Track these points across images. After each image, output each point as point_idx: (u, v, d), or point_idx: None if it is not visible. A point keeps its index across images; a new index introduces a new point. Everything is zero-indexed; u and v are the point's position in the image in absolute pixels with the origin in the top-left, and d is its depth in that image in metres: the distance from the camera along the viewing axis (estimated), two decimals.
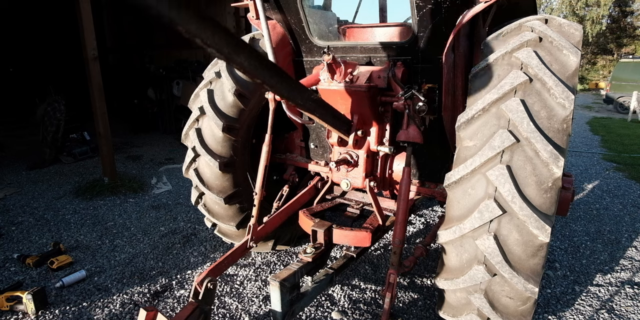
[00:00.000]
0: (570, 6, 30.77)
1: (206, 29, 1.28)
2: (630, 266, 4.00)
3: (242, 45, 1.45)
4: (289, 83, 1.87)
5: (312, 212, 3.18)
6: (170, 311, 3.26)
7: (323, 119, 2.39)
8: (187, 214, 5.21)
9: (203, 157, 3.28)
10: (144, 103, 10.40)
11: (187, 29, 1.22)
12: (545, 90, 2.09)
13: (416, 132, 2.66)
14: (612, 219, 5.14)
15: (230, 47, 1.40)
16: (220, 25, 1.34)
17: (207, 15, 1.26)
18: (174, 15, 1.15)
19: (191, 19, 1.22)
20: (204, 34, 1.28)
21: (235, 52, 1.43)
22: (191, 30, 1.24)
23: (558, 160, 1.96)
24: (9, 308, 3.19)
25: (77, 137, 8.21)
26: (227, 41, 1.39)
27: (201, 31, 1.26)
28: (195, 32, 1.26)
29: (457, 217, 2.20)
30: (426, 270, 3.86)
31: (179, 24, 1.18)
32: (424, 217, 5.15)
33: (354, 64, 2.77)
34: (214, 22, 1.30)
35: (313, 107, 2.19)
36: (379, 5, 4.69)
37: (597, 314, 3.27)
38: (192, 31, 1.24)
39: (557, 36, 2.24)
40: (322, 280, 2.78)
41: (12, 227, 4.83)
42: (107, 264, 3.97)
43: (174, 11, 1.14)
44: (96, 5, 8.11)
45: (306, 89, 2.15)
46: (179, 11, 1.16)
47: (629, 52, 29.36)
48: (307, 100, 2.08)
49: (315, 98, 2.20)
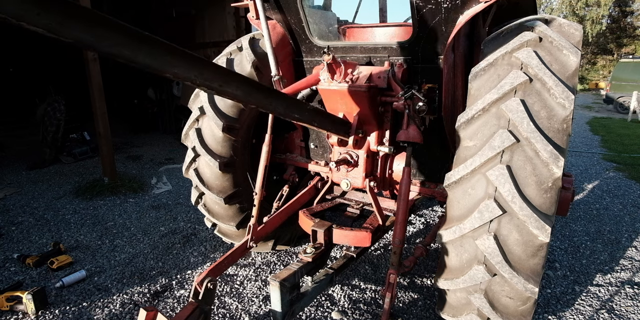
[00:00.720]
0: (570, 6, 30.79)
1: (193, 68, 1.27)
2: (630, 266, 4.00)
3: (232, 75, 1.44)
4: (284, 100, 1.86)
5: (312, 212, 3.18)
6: (170, 311, 3.26)
7: (322, 127, 2.40)
8: (187, 214, 5.21)
9: (203, 157, 3.28)
10: (144, 103, 10.41)
11: (175, 73, 1.22)
12: (545, 90, 2.09)
13: (416, 132, 2.66)
14: (612, 219, 5.14)
15: (220, 80, 1.39)
16: (205, 60, 1.33)
17: (189, 53, 1.25)
18: (152, 63, 1.16)
19: (177, 62, 1.22)
20: (192, 74, 1.28)
21: (226, 83, 1.41)
22: (179, 74, 1.24)
23: (558, 160, 1.96)
24: (9, 308, 3.19)
25: (77, 137, 8.21)
26: (217, 74, 1.38)
27: (189, 71, 1.26)
28: (184, 75, 1.25)
29: (457, 217, 2.20)
30: (426, 270, 3.86)
31: (164, 71, 1.19)
32: (424, 217, 5.15)
33: (354, 64, 2.77)
34: (197, 58, 1.28)
35: (311, 118, 2.19)
36: (379, 5, 4.70)
37: (597, 314, 3.27)
38: (181, 74, 1.24)
39: (557, 36, 2.24)
40: (322, 280, 2.78)
41: (12, 227, 4.83)
42: (107, 264, 3.97)
43: (148, 59, 1.15)
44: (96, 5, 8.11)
45: (301, 102, 2.16)
46: (157, 58, 1.16)
47: (629, 52, 29.38)
48: (304, 113, 2.08)
49: (311, 109, 2.21)
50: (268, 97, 1.71)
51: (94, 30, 1.03)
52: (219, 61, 3.44)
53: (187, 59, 1.25)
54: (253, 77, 3.30)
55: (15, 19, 0.89)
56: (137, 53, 1.13)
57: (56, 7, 0.95)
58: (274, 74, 2.99)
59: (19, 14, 0.89)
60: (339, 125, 2.66)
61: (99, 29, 1.04)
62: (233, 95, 1.47)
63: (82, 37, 1.01)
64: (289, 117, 1.96)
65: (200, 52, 10.49)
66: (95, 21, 1.03)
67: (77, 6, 0.98)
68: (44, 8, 0.93)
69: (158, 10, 11.55)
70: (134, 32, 1.10)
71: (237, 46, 3.44)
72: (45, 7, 0.93)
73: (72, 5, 0.97)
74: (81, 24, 1.01)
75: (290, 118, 1.98)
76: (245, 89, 1.51)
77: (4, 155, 8.19)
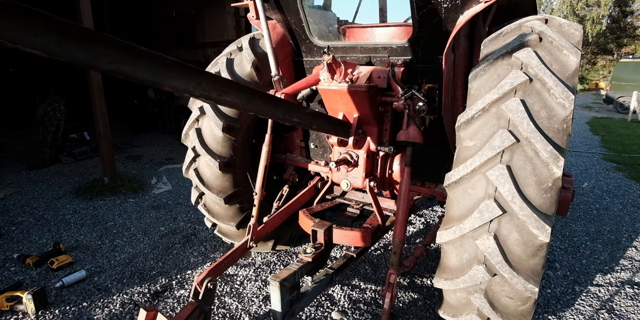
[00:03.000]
0: (571, 6, 30.78)
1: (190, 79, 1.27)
2: (630, 266, 4.00)
3: (230, 84, 1.44)
4: (282, 106, 1.87)
5: (312, 212, 3.18)
6: (170, 311, 3.26)
7: (321, 129, 2.40)
8: (187, 214, 5.21)
9: (203, 157, 3.28)
10: (144, 103, 10.41)
11: (173, 86, 1.22)
12: (545, 90, 2.09)
13: (416, 132, 2.66)
14: (612, 219, 5.14)
15: (218, 89, 1.39)
16: (202, 71, 1.33)
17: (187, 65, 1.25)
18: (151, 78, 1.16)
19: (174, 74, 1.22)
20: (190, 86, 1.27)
21: (224, 92, 1.41)
22: (178, 86, 1.24)
23: (558, 160, 1.96)
24: (9, 308, 3.19)
25: (77, 137, 8.21)
26: (215, 84, 1.37)
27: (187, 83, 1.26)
28: (182, 87, 1.25)
29: (457, 217, 2.20)
30: (426, 270, 3.86)
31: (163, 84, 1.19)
32: (424, 217, 5.15)
33: (354, 64, 2.77)
34: (194, 69, 1.28)
35: (310, 121, 2.19)
36: (379, 5, 4.70)
37: (597, 314, 3.27)
38: (179, 87, 1.24)
39: (557, 36, 2.24)
40: (322, 280, 2.78)
41: (12, 227, 4.83)
42: (107, 264, 3.97)
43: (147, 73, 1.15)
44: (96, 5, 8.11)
45: (300, 106, 2.17)
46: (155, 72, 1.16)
47: (629, 52, 29.37)
48: (303, 117, 2.08)
49: (310, 112, 2.21)
50: (267, 103, 1.72)
51: (92, 48, 1.02)
52: (219, 61, 3.45)
53: (185, 70, 1.25)
54: (253, 77, 3.30)
55: (11, 42, 0.87)
56: (135, 68, 1.12)
57: (53, 26, 0.93)
58: (274, 74, 2.99)
59: (15, 38, 0.87)
60: (338, 126, 2.66)
61: (98, 47, 1.03)
62: (232, 104, 1.47)
63: (80, 56, 1.00)
64: (288, 121, 1.97)
65: (200, 52, 10.50)
66: (93, 39, 1.01)
67: (74, 25, 0.96)
68: (41, 29, 0.90)
69: (158, 10, 11.55)
70: (131, 47, 1.09)
71: (237, 46, 3.44)
72: (41, 27, 0.90)
73: (69, 25, 0.95)
74: (79, 43, 0.98)
75: (289, 122, 1.98)
76: (244, 97, 1.52)
77: (4, 155, 8.19)
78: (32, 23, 0.89)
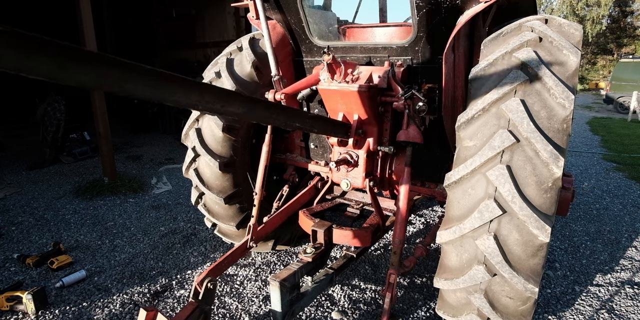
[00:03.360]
0: (571, 6, 30.78)
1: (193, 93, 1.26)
2: (630, 266, 4.00)
3: (232, 95, 1.44)
4: (284, 112, 1.88)
5: (312, 212, 3.18)
6: (170, 311, 3.26)
7: (322, 132, 2.40)
8: (187, 214, 5.21)
9: (203, 157, 3.28)
10: (144, 103, 10.40)
11: (176, 101, 1.22)
12: (545, 90, 2.09)
13: (416, 132, 2.66)
14: (612, 219, 5.14)
15: (222, 101, 1.39)
16: (204, 84, 1.33)
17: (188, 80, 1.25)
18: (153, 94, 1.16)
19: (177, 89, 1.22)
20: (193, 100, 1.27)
21: (228, 103, 1.41)
22: (181, 101, 1.24)
23: (558, 160, 1.96)
24: (9, 308, 3.19)
25: (77, 137, 8.21)
26: (217, 96, 1.37)
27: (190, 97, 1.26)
28: (185, 101, 1.25)
29: (457, 217, 2.20)
30: (426, 270, 3.86)
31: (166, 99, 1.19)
32: (424, 217, 5.15)
33: (354, 64, 2.77)
34: (196, 83, 1.28)
35: (311, 125, 2.20)
36: (379, 5, 4.70)
37: (597, 314, 3.27)
38: (182, 101, 1.24)
39: (557, 36, 2.24)
40: (322, 280, 2.78)
41: (12, 227, 4.83)
42: (107, 264, 3.97)
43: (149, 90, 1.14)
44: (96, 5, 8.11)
45: (301, 111, 2.17)
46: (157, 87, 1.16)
47: (629, 52, 29.36)
48: (304, 121, 2.09)
49: (311, 116, 2.22)
50: (269, 111, 1.72)
51: (95, 70, 1.01)
52: (219, 61, 3.45)
53: (187, 85, 1.24)
54: (253, 77, 3.30)
55: (16, 70, 0.86)
56: (138, 86, 1.12)
57: (56, 52, 0.91)
58: (274, 74, 2.99)
59: (19, 66, 0.86)
60: (339, 128, 2.66)
61: (101, 68, 1.02)
62: (235, 114, 1.47)
63: (84, 79, 0.99)
64: (290, 127, 1.97)
65: (200, 52, 10.51)
66: (96, 61, 1.01)
67: (77, 48, 0.95)
68: (43, 55, 0.89)
69: (158, 10, 11.55)
70: (133, 66, 1.09)
71: (237, 46, 3.44)
72: (44, 54, 0.89)
73: (72, 48, 0.95)
74: (83, 66, 0.98)
75: (291, 128, 1.99)
76: (247, 107, 1.52)
77: (4, 155, 8.19)
78: (35, 51, 0.88)
